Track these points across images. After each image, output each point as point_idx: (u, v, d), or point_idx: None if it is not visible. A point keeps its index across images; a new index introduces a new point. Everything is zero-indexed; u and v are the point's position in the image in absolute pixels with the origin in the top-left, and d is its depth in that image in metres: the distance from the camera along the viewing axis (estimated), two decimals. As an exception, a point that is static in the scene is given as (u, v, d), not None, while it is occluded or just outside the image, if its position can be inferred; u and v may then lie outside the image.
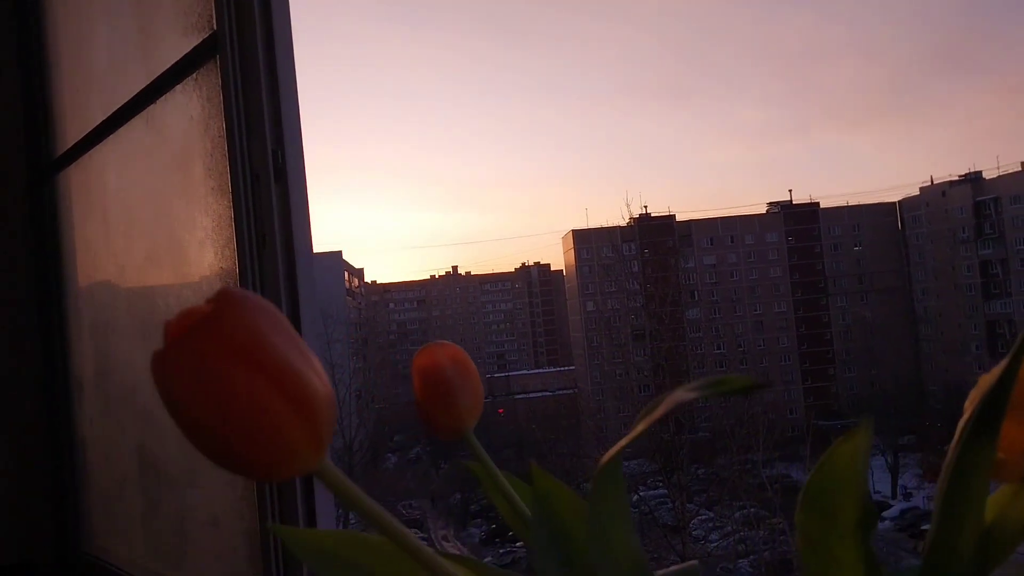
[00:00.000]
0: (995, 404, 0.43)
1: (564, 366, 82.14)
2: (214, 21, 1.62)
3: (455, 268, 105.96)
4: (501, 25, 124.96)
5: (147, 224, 2.10)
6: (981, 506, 0.44)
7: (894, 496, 51.11)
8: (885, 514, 46.82)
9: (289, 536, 0.60)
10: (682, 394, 0.47)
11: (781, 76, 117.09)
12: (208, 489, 1.82)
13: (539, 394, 65.77)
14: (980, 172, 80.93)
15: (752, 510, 34.47)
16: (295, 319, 1.52)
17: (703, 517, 35.77)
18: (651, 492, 36.19)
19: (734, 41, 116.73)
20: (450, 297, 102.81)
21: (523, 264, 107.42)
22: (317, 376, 0.39)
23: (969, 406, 0.46)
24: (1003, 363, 0.43)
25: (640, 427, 0.48)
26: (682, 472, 32.04)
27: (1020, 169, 75.24)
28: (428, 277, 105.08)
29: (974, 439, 0.43)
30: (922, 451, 54.25)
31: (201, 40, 1.70)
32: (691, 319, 75.08)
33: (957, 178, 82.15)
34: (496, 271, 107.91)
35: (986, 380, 0.45)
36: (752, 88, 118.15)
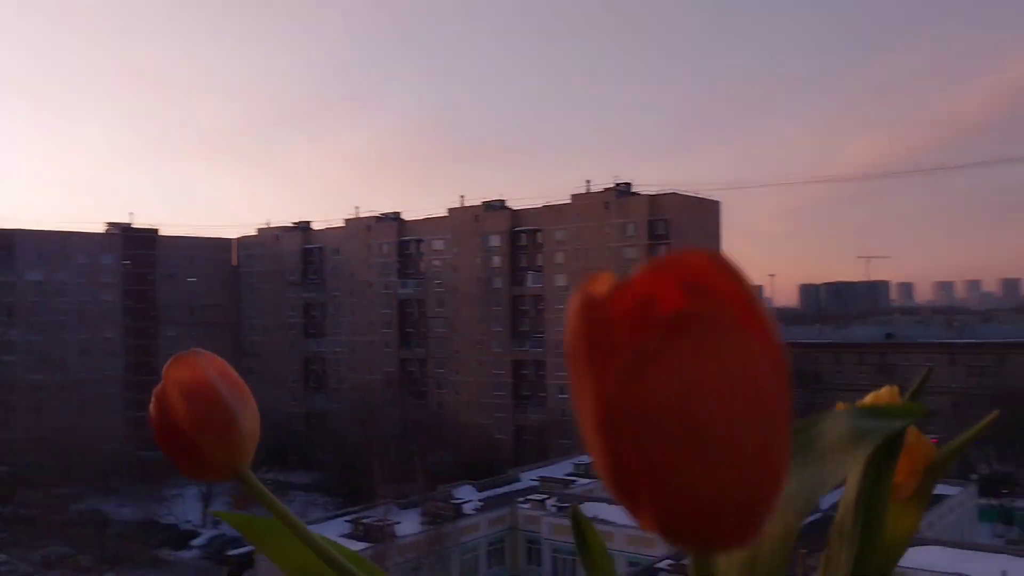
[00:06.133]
0: (897, 437, 0.53)
1: None
2: None
3: None
4: None
5: None
6: (886, 520, 0.55)
7: (204, 524, 52.36)
8: (193, 543, 47.83)
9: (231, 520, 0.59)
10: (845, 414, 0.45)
11: (135, 97, 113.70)
12: None
13: None
14: (310, 222, 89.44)
15: (55, 549, 32.20)
16: None
17: (-2, 561, 32.17)
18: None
19: (97, 53, 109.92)
20: None
21: None
22: None
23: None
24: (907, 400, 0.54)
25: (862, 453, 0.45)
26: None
27: (343, 225, 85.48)
28: None
29: (883, 465, 0.52)
30: (237, 478, 56.85)
31: None
32: (9, 340, 67.14)
33: (291, 225, 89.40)
34: None
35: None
36: (104, 104, 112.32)
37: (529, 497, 40.70)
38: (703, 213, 71.87)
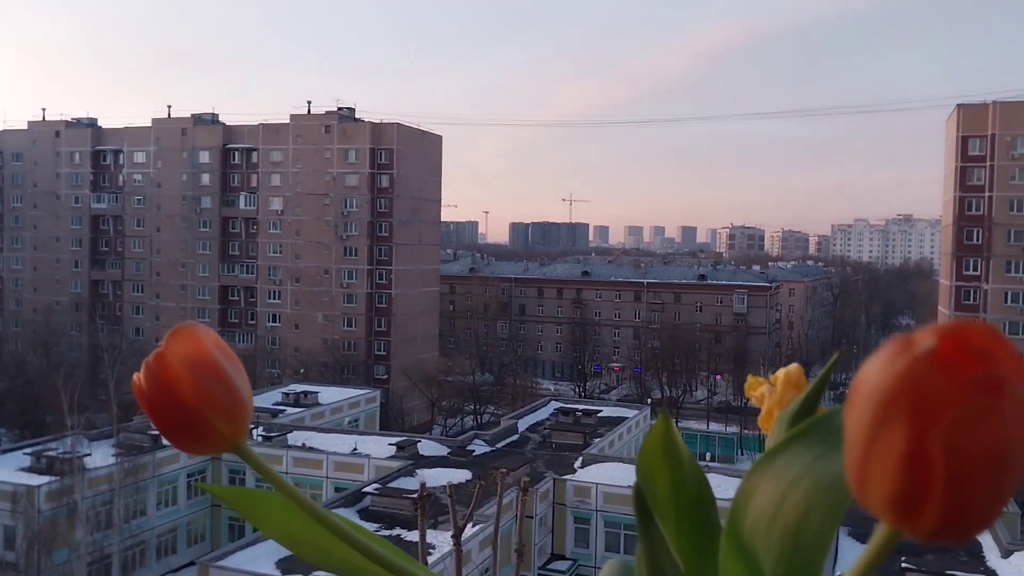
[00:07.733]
0: (811, 403, 0.61)
1: None
2: None
3: None
4: None
5: None
6: None
7: None
8: None
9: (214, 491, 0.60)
10: None
11: None
12: None
13: None
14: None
15: None
16: None
17: None
18: None
19: None
20: None
21: None
22: None
23: None
24: (819, 374, 0.61)
25: None
26: None
27: (26, 128, 76.22)
28: None
29: (801, 429, 0.54)
30: None
31: None
32: None
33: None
34: None
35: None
36: None
37: (235, 426, 39.60)
38: (426, 146, 72.68)
